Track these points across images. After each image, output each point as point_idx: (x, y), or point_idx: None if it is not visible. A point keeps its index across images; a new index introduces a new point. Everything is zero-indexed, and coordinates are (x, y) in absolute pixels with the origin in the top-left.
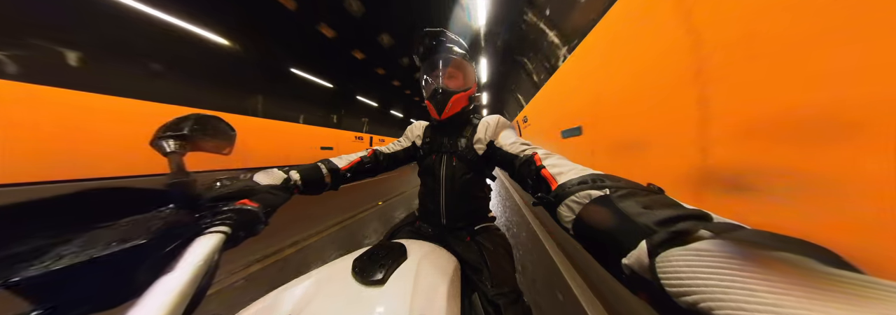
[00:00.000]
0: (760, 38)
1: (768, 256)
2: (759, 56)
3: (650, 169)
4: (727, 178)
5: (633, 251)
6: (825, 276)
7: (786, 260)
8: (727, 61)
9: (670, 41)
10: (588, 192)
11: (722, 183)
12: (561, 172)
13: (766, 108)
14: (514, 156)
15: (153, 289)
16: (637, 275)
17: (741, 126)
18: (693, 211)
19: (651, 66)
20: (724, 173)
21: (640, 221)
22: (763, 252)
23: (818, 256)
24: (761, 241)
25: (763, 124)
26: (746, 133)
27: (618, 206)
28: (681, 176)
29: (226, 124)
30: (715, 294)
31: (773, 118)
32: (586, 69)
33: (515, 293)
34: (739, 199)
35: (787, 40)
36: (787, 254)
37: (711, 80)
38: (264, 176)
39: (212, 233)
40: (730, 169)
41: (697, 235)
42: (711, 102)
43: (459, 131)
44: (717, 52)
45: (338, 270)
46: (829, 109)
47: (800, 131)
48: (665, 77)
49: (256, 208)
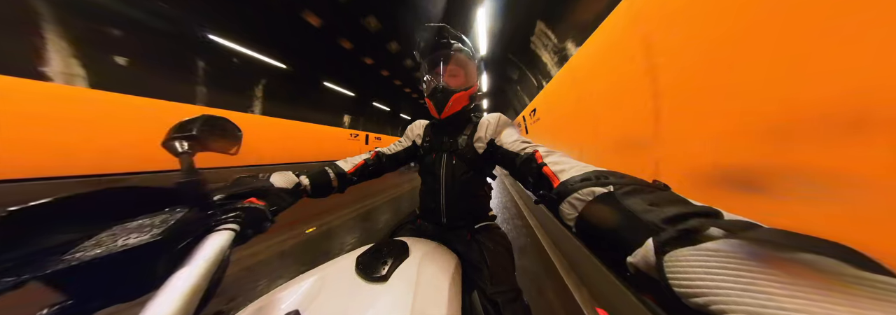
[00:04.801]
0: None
1: (788, 258)
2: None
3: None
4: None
5: (639, 249)
6: (853, 279)
7: (807, 262)
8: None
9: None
10: (591, 190)
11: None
12: (563, 170)
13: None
14: (516, 154)
15: (169, 282)
16: (643, 274)
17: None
18: (702, 208)
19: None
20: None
21: (647, 219)
22: (782, 253)
23: (846, 258)
24: (780, 241)
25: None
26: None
27: (623, 204)
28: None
29: (233, 125)
30: (729, 297)
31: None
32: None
33: (514, 291)
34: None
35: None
36: (809, 255)
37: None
38: (279, 178)
39: (222, 230)
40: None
41: (708, 234)
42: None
43: (460, 130)
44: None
45: (342, 267)
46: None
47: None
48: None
49: (263, 206)
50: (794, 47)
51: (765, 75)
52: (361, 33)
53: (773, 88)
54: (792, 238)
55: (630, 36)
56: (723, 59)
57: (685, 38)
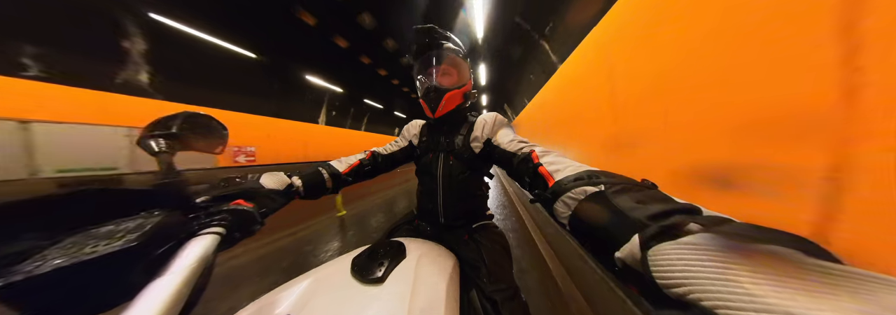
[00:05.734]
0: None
1: (755, 249)
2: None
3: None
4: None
5: (626, 245)
6: (810, 267)
7: (772, 252)
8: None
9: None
10: (584, 189)
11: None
12: (558, 170)
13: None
14: (512, 154)
15: (146, 292)
16: (629, 267)
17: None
18: (684, 205)
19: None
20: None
21: (633, 216)
22: (750, 245)
23: (803, 248)
24: (749, 234)
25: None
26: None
27: (612, 202)
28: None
29: (217, 123)
30: (704, 286)
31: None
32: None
33: (512, 289)
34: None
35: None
36: (773, 246)
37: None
38: (270, 179)
39: (206, 234)
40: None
41: (687, 229)
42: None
43: (456, 130)
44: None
45: (337, 269)
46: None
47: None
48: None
49: (251, 208)
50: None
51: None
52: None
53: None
54: (758, 231)
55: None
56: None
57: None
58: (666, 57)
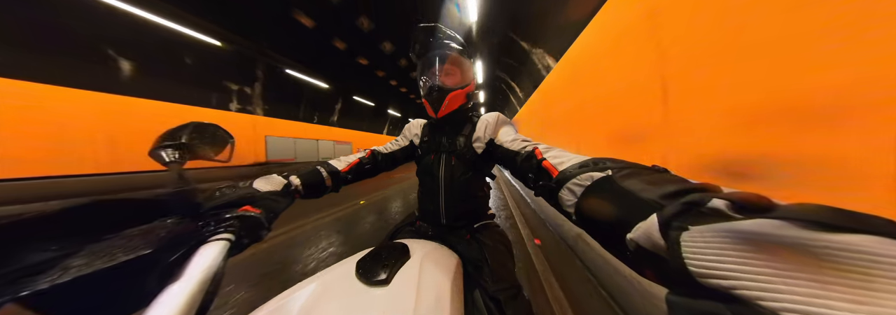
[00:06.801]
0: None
1: (840, 242)
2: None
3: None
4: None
5: (641, 224)
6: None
7: (859, 247)
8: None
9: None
10: (590, 175)
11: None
12: (562, 162)
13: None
14: (516, 153)
15: (161, 298)
16: (643, 250)
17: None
18: (700, 184)
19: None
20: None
21: (645, 197)
22: (831, 236)
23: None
24: (830, 222)
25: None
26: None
27: (621, 185)
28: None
29: (224, 131)
30: (759, 283)
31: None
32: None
33: (515, 288)
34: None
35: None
36: (865, 236)
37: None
38: (264, 182)
39: (216, 240)
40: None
41: (711, 206)
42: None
43: (458, 130)
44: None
45: (342, 272)
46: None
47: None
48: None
49: (259, 214)
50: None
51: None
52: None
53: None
54: (840, 216)
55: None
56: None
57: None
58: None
